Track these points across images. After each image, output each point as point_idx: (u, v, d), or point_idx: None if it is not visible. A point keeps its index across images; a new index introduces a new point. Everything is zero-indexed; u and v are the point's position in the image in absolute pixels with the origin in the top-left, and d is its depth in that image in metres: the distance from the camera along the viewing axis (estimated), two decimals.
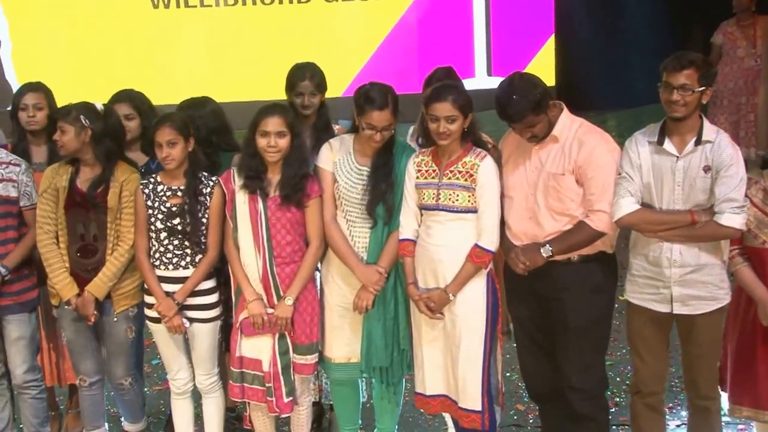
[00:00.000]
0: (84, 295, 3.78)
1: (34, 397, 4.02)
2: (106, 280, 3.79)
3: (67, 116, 3.74)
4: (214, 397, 3.95)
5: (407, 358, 3.84)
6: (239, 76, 7.41)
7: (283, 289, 3.73)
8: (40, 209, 3.84)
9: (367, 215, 3.73)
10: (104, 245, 3.80)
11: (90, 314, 3.79)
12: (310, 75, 4.23)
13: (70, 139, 3.74)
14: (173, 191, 3.76)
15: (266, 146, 3.66)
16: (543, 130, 3.53)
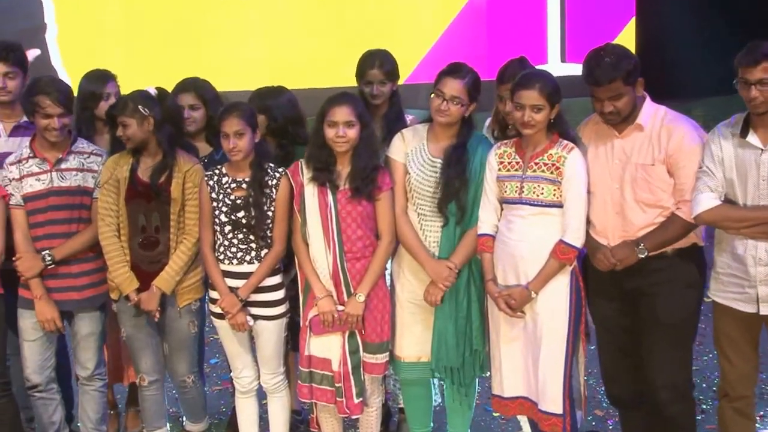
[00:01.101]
0: (151, 289, 3.94)
1: (97, 390, 4.20)
2: (174, 275, 3.95)
3: (126, 110, 3.90)
4: (279, 397, 4.09)
5: (480, 359, 3.94)
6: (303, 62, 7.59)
7: (353, 285, 3.86)
8: (101, 201, 4.00)
9: (438, 212, 3.84)
10: (166, 237, 3.96)
11: (155, 309, 3.96)
12: (380, 63, 4.34)
13: (134, 132, 3.90)
14: (238, 183, 3.90)
15: (334, 137, 3.78)
16: (626, 108, 3.59)
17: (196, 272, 4.03)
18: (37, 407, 4.15)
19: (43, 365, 4.09)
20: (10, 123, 4.30)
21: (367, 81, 4.33)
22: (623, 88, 3.53)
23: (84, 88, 4.40)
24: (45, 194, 4.02)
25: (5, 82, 4.20)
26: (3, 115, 4.30)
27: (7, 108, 4.28)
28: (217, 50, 7.58)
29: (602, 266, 3.66)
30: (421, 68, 7.82)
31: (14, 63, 4.22)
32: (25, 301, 4.07)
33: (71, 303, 4.08)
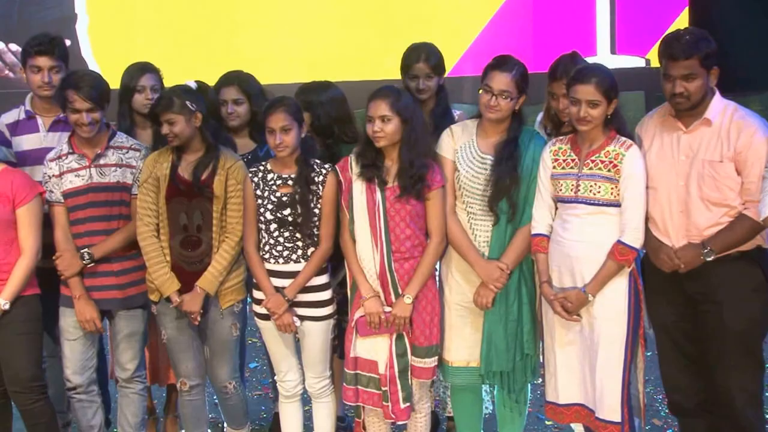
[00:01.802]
0: (195, 290, 4.01)
1: (137, 392, 4.29)
2: (217, 275, 4.02)
3: (172, 106, 3.95)
4: (325, 402, 4.16)
5: (532, 364, 4.00)
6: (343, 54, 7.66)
7: (401, 286, 3.92)
8: (140, 200, 4.07)
9: (489, 210, 3.90)
10: (209, 236, 4.03)
11: (197, 311, 4.02)
12: (425, 56, 4.41)
13: (182, 129, 3.96)
14: (284, 180, 3.98)
15: (371, 132, 3.86)
16: (697, 93, 3.63)
17: (239, 272, 4.11)
18: (76, 410, 4.24)
19: (84, 366, 4.18)
20: (50, 118, 4.42)
21: (413, 75, 4.39)
22: (698, 69, 3.58)
23: (121, 82, 4.52)
24: (84, 191, 4.11)
25: (50, 77, 4.30)
26: (42, 110, 4.41)
27: (47, 102, 4.38)
28: (254, 42, 7.67)
29: (665, 267, 3.70)
30: (465, 61, 7.87)
31: (59, 57, 4.33)
32: (66, 299, 4.17)
33: (112, 302, 4.17)
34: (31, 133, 4.42)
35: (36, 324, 4.12)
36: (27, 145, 4.40)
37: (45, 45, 4.31)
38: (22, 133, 4.42)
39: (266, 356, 5.00)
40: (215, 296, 4.08)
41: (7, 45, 7.94)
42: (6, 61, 7.97)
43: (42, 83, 4.32)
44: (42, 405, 4.13)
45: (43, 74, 4.30)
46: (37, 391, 4.11)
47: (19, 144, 4.41)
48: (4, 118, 4.44)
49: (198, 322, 4.08)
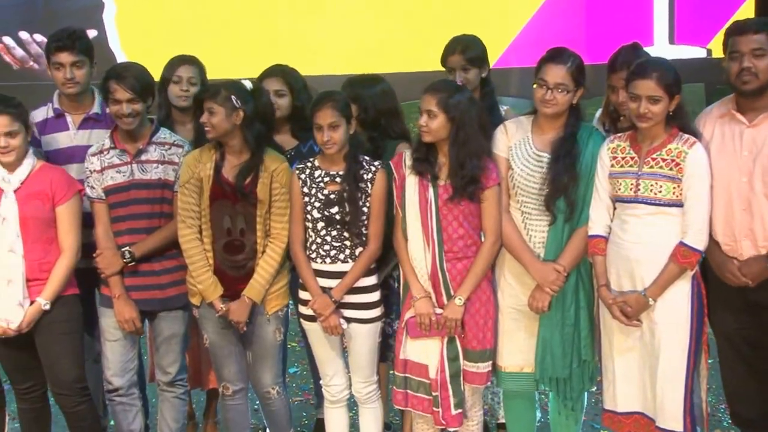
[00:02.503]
0: (242, 299, 4.15)
1: (178, 397, 4.44)
2: (264, 283, 4.15)
3: (217, 96, 4.09)
4: (372, 407, 4.30)
5: (589, 371, 4.11)
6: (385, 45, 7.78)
7: (453, 287, 4.04)
8: (182, 201, 4.20)
9: (546, 209, 4.02)
10: (252, 240, 4.15)
11: (243, 321, 4.16)
12: (461, 48, 4.55)
13: (220, 122, 4.09)
14: (332, 177, 4.12)
15: (418, 125, 4.00)
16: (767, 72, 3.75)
17: (283, 276, 4.24)
18: (116, 413, 4.41)
19: (124, 367, 4.34)
20: (79, 115, 4.56)
21: (449, 68, 4.54)
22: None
23: (161, 74, 4.68)
24: (126, 187, 4.26)
25: (73, 72, 4.43)
26: (71, 108, 4.55)
27: (75, 100, 4.53)
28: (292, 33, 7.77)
29: (732, 284, 3.80)
30: (511, 52, 7.96)
31: (81, 51, 4.44)
32: (106, 299, 4.33)
33: (152, 302, 4.31)
34: (60, 131, 4.57)
35: (77, 324, 4.29)
36: (56, 143, 4.55)
37: (64, 40, 4.44)
38: (51, 132, 4.57)
39: (307, 361, 5.20)
40: (261, 302, 4.21)
41: (32, 35, 8.13)
42: (30, 52, 8.16)
43: (65, 80, 4.45)
44: (86, 406, 4.32)
45: (66, 71, 4.43)
46: (80, 392, 4.29)
47: (48, 143, 4.55)
48: (33, 116, 4.54)
49: (243, 331, 4.21)
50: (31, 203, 4.16)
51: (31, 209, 4.16)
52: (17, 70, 8.11)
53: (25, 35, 8.06)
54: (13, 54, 8.17)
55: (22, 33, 8.09)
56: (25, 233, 4.15)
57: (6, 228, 4.14)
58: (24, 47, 8.10)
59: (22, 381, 4.34)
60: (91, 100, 4.56)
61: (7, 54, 8.12)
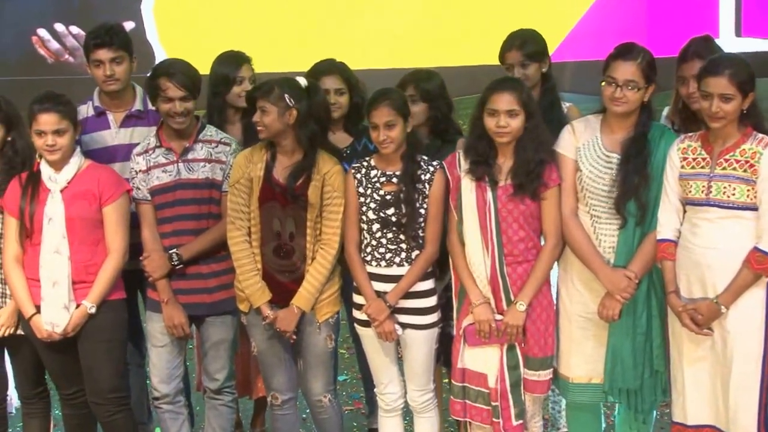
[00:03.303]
0: (291, 309, 4.24)
1: (226, 404, 4.55)
2: (314, 291, 4.24)
3: (269, 95, 4.17)
4: (428, 417, 4.38)
5: (662, 382, 4.16)
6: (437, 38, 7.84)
7: (513, 292, 4.12)
8: (231, 202, 4.30)
9: (616, 212, 4.07)
10: (302, 245, 4.24)
11: (291, 331, 4.26)
12: (519, 43, 4.62)
13: (272, 121, 4.18)
14: (388, 177, 4.20)
15: (495, 127, 4.05)
16: None
17: (334, 283, 4.32)
18: (162, 421, 4.54)
19: (171, 374, 4.46)
20: (121, 113, 4.68)
21: (508, 64, 4.61)
22: None
23: (215, 71, 4.73)
24: (172, 187, 4.37)
25: (112, 69, 4.55)
26: (112, 105, 4.67)
27: (116, 97, 4.65)
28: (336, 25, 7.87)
29: None
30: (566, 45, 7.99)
31: (119, 47, 4.56)
32: (153, 303, 4.45)
33: (201, 307, 4.43)
34: (101, 130, 4.69)
35: (121, 331, 4.42)
36: (98, 142, 4.68)
37: (102, 36, 4.55)
38: (92, 131, 4.69)
39: (357, 368, 5.30)
40: (312, 310, 4.29)
41: (68, 27, 8.26)
42: (66, 45, 8.29)
43: (105, 77, 4.57)
44: (122, 417, 4.42)
45: (105, 68, 4.55)
46: (116, 402, 4.40)
47: (89, 142, 4.67)
48: None
49: (293, 342, 4.31)
50: (77, 203, 4.29)
51: (78, 209, 4.28)
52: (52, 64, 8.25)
53: (61, 27, 8.19)
54: (47, 47, 8.30)
55: (58, 25, 8.22)
56: (72, 234, 4.27)
57: (52, 229, 4.27)
58: (59, 40, 8.23)
59: (67, 386, 4.47)
60: (132, 96, 4.68)
61: (41, 47, 8.26)
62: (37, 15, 8.16)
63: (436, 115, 4.51)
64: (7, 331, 4.39)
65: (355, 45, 7.64)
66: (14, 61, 8.04)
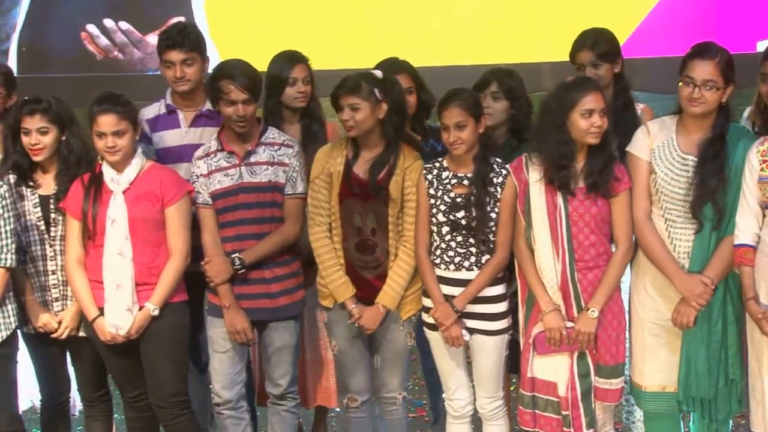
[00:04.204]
0: (377, 307, 4.42)
1: (289, 410, 4.73)
2: (398, 289, 4.42)
3: (359, 91, 4.32)
4: (497, 425, 4.52)
5: (738, 392, 4.26)
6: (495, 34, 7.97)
7: (585, 298, 4.25)
8: (311, 198, 4.49)
9: (692, 216, 4.18)
10: (384, 240, 4.41)
11: (375, 328, 4.43)
12: (590, 43, 4.75)
13: (365, 117, 4.33)
14: (459, 179, 4.35)
15: (591, 127, 4.14)
16: None
17: (417, 280, 4.46)
18: (225, 427, 4.71)
19: (233, 380, 4.64)
20: (191, 112, 4.86)
21: (578, 64, 4.74)
22: None
23: (269, 72, 4.88)
24: (234, 191, 4.53)
25: (183, 70, 4.72)
26: (183, 105, 4.86)
27: (187, 98, 4.83)
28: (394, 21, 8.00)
29: None
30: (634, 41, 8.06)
31: (191, 48, 4.73)
32: (214, 308, 4.63)
33: (263, 312, 4.59)
34: (172, 128, 4.89)
35: (184, 334, 4.61)
36: (168, 141, 4.87)
37: (173, 38, 4.73)
38: (162, 129, 4.89)
39: (419, 375, 5.45)
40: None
41: (117, 23, 8.45)
42: (115, 41, 8.49)
43: (175, 78, 4.75)
44: (185, 421, 4.61)
45: (176, 69, 4.73)
46: (179, 406, 4.58)
47: (159, 140, 4.88)
48: (144, 113, 4.89)
49: (370, 332, 4.47)
50: (140, 204, 4.47)
51: (141, 211, 4.46)
52: (101, 60, 8.45)
53: (110, 23, 8.38)
54: (96, 43, 8.51)
55: (107, 21, 8.41)
56: (134, 236, 4.46)
57: (115, 230, 4.46)
58: (109, 36, 8.44)
59: (130, 389, 4.67)
60: (204, 96, 4.84)
61: (90, 43, 8.47)
62: (86, 11, 8.36)
63: (517, 114, 4.65)
64: (69, 332, 4.58)
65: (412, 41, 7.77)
66: (64, 57, 8.25)
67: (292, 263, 4.64)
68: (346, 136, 4.44)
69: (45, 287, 4.63)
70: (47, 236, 4.61)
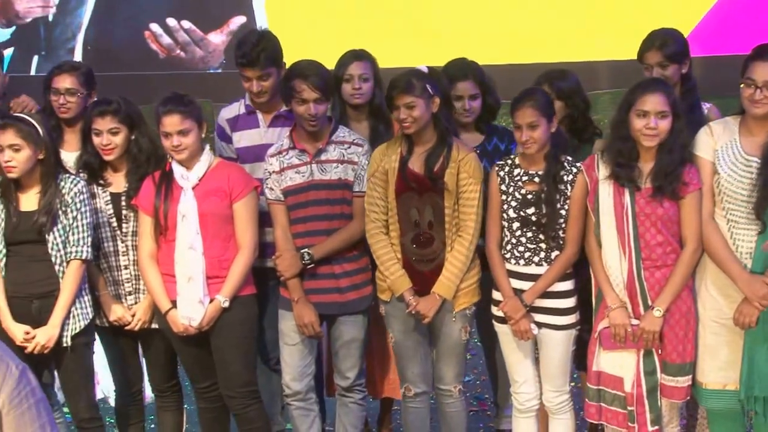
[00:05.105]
0: (433, 297, 4.52)
1: (356, 402, 4.85)
2: (453, 279, 4.52)
3: (413, 89, 4.44)
4: (563, 419, 4.62)
5: None
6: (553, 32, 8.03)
7: (651, 297, 4.32)
8: (368, 195, 4.61)
9: (756, 217, 4.22)
10: (441, 233, 4.52)
11: (431, 316, 4.53)
12: (659, 44, 4.80)
13: (422, 114, 4.46)
14: (530, 176, 4.45)
15: (644, 129, 4.22)
16: None
17: (474, 273, 4.58)
18: (294, 418, 4.85)
19: (303, 372, 4.76)
20: (270, 114, 4.98)
21: (646, 64, 4.80)
22: None
23: (335, 71, 4.99)
24: (305, 188, 4.67)
25: (261, 85, 4.83)
26: (262, 107, 4.98)
27: (265, 104, 4.95)
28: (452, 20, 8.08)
29: None
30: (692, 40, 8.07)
31: (267, 65, 4.81)
32: (285, 301, 4.76)
33: (333, 306, 4.72)
34: (250, 128, 5.02)
35: (253, 326, 4.75)
36: (246, 141, 5.01)
37: (248, 56, 4.80)
38: (241, 129, 5.02)
39: (479, 370, 5.54)
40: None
41: (180, 23, 8.60)
42: (178, 40, 8.64)
43: (253, 93, 4.88)
44: (256, 409, 4.74)
45: (252, 84, 4.85)
46: (249, 396, 4.71)
47: (238, 140, 5.02)
48: (224, 112, 5.03)
49: (427, 321, 4.55)
50: (209, 200, 4.61)
51: (210, 206, 4.60)
52: (164, 59, 8.61)
53: (173, 22, 8.55)
54: (159, 42, 8.67)
55: (170, 20, 8.58)
56: (204, 230, 4.60)
57: (186, 225, 4.60)
58: (171, 35, 8.59)
59: (201, 380, 4.81)
60: (281, 99, 4.93)
61: (154, 42, 8.63)
62: (150, 10, 8.53)
63: (573, 114, 4.75)
64: (142, 325, 4.72)
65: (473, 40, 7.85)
66: (128, 56, 8.43)
67: (360, 259, 4.76)
68: (403, 133, 4.55)
69: (117, 282, 4.78)
70: (119, 233, 4.76)
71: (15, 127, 4.46)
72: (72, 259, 4.52)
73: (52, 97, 5.00)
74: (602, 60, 7.88)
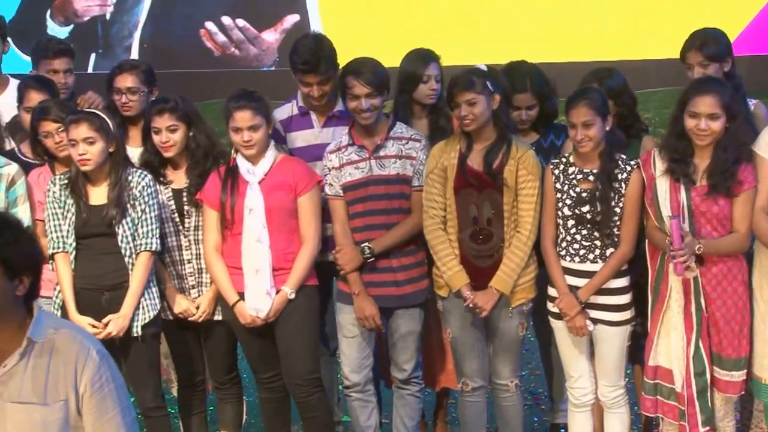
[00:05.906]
0: (490, 290, 4.61)
1: (413, 394, 4.96)
2: (511, 273, 4.62)
3: (474, 86, 4.53)
4: (618, 413, 4.71)
5: None
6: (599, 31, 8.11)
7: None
8: (426, 192, 4.71)
9: None
10: (500, 229, 4.62)
11: (487, 310, 4.62)
12: (699, 43, 4.88)
13: (483, 110, 4.55)
14: (585, 175, 4.54)
15: (695, 129, 4.32)
16: None
17: (531, 269, 4.67)
18: (353, 409, 4.98)
19: (361, 364, 4.89)
20: (323, 115, 5.10)
21: (688, 64, 4.88)
22: None
23: (404, 69, 5.08)
24: (364, 183, 4.78)
25: (321, 89, 4.94)
26: (316, 108, 5.08)
27: (321, 106, 5.05)
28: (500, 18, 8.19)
29: None
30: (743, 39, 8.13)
31: (326, 70, 4.90)
32: (344, 295, 4.89)
33: (390, 299, 4.83)
34: (305, 129, 5.13)
35: (315, 315, 4.88)
36: (301, 141, 5.12)
37: (309, 64, 4.90)
38: (296, 129, 5.14)
39: (534, 364, 5.64)
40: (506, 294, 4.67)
41: (235, 21, 8.75)
42: (232, 38, 8.79)
43: (313, 98, 4.98)
44: (319, 397, 4.87)
45: (313, 89, 4.95)
46: (313, 383, 4.84)
47: (293, 140, 5.13)
48: (277, 114, 5.11)
49: (484, 314, 4.64)
50: (274, 194, 4.74)
51: (275, 200, 4.74)
52: (218, 57, 8.77)
53: (228, 20, 8.71)
54: (214, 40, 8.82)
55: (225, 18, 8.73)
56: (270, 223, 4.73)
57: (253, 219, 4.73)
58: (226, 33, 8.75)
59: (264, 370, 4.94)
60: (336, 98, 5.07)
61: (209, 40, 8.79)
62: (205, 9, 8.69)
63: (622, 111, 4.82)
64: (206, 317, 4.87)
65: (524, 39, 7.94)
66: (183, 54, 8.60)
67: (417, 253, 4.86)
68: (462, 130, 4.65)
69: (181, 276, 4.92)
70: (182, 227, 4.91)
71: (88, 120, 4.61)
72: (141, 250, 4.66)
73: (114, 96, 5.15)
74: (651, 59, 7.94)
